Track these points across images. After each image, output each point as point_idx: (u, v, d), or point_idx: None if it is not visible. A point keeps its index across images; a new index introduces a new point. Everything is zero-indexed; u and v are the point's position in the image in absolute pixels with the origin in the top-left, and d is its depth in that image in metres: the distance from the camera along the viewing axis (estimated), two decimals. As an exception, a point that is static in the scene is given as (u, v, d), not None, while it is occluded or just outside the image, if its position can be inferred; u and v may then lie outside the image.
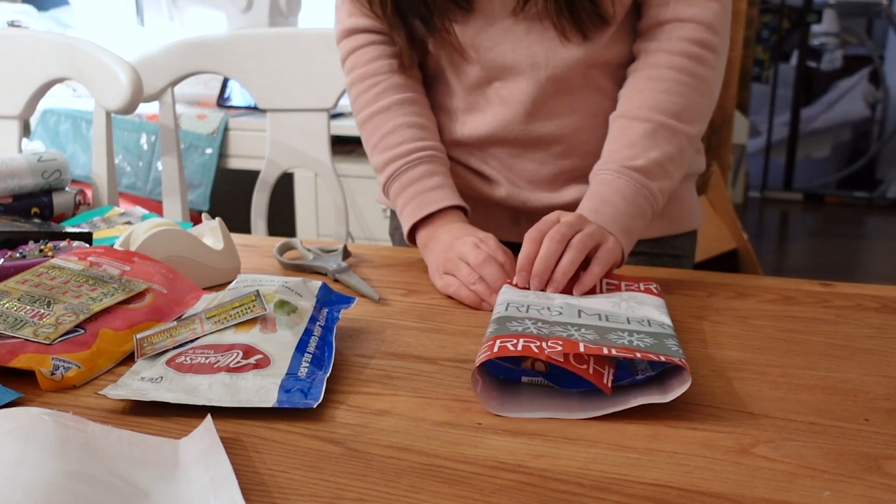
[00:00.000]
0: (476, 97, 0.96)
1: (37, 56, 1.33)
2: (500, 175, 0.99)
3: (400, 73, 0.98)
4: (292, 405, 0.58)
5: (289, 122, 1.41)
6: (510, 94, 0.94)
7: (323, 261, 0.95)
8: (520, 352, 0.59)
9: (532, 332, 0.63)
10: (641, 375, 0.61)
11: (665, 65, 0.88)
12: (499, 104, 0.95)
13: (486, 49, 0.93)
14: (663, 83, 0.88)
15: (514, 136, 0.96)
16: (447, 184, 0.94)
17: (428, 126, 0.98)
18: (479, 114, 0.97)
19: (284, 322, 0.67)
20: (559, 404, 0.60)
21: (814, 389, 0.63)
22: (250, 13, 2.27)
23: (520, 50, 0.91)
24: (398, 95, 0.97)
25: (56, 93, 1.94)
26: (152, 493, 0.46)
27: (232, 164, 2.07)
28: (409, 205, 0.94)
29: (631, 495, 0.49)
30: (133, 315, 0.72)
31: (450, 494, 0.49)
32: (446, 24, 0.92)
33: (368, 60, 0.99)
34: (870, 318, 0.79)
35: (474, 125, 0.97)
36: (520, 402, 0.60)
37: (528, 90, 0.93)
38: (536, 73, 0.92)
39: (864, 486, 0.50)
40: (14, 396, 0.60)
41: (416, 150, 0.95)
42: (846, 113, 5.15)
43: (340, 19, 1.01)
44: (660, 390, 0.59)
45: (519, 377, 0.62)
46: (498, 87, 0.94)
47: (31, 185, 1.12)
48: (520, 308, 0.70)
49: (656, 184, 0.87)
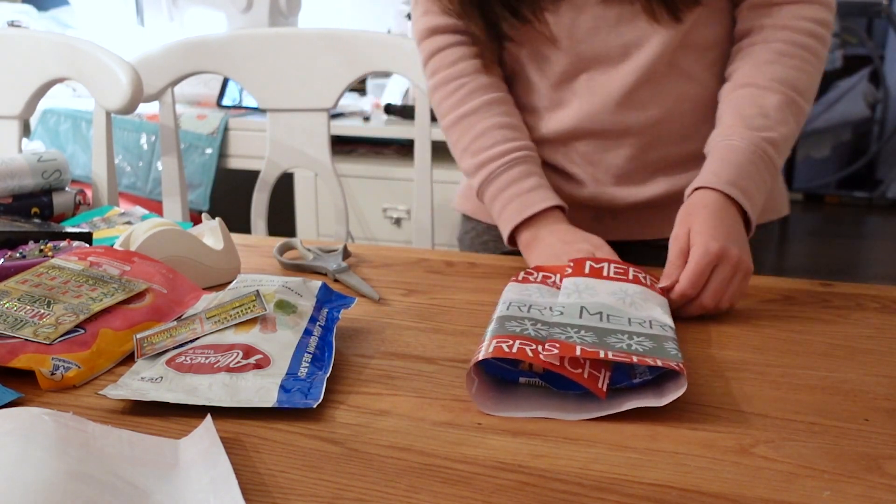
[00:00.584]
0: (562, 91, 0.95)
1: (37, 56, 1.33)
2: (584, 172, 0.97)
3: (484, 72, 0.96)
4: (292, 405, 0.58)
5: (289, 122, 1.41)
6: (598, 85, 0.92)
7: (323, 261, 0.95)
8: (514, 355, 0.59)
9: (530, 333, 0.63)
10: (639, 379, 0.61)
11: (792, 42, 0.86)
12: (586, 96, 0.93)
13: (577, 39, 0.91)
14: (792, 59, 0.85)
15: (600, 129, 0.94)
16: (544, 184, 0.93)
17: (518, 125, 0.96)
18: (564, 108, 0.95)
19: (284, 322, 0.67)
20: (555, 405, 0.60)
21: (814, 389, 0.63)
22: (250, 13, 2.27)
23: (612, 38, 0.90)
24: (486, 96, 0.95)
25: (56, 93, 1.94)
26: (152, 493, 0.46)
27: (232, 164, 2.07)
28: (508, 207, 0.92)
29: (631, 495, 0.49)
30: (133, 315, 0.72)
31: (450, 494, 0.49)
32: (537, 13, 0.90)
33: (451, 62, 0.97)
34: (870, 318, 0.79)
35: (559, 120, 0.96)
36: (516, 402, 0.60)
37: (618, 79, 0.91)
38: (627, 61, 0.90)
39: (864, 486, 0.50)
40: (14, 396, 0.60)
41: (510, 151, 0.93)
42: (846, 113, 5.15)
43: (416, 18, 1.00)
44: (656, 393, 0.59)
45: (516, 377, 0.62)
46: (586, 78, 0.93)
47: (31, 185, 1.11)
48: (521, 307, 0.70)
49: (780, 160, 0.84)
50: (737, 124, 0.84)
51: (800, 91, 0.85)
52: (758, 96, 0.85)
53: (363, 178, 2.00)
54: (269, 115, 1.42)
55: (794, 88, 0.85)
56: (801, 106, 0.86)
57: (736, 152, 0.83)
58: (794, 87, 0.85)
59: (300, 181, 2.07)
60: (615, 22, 0.89)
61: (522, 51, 0.95)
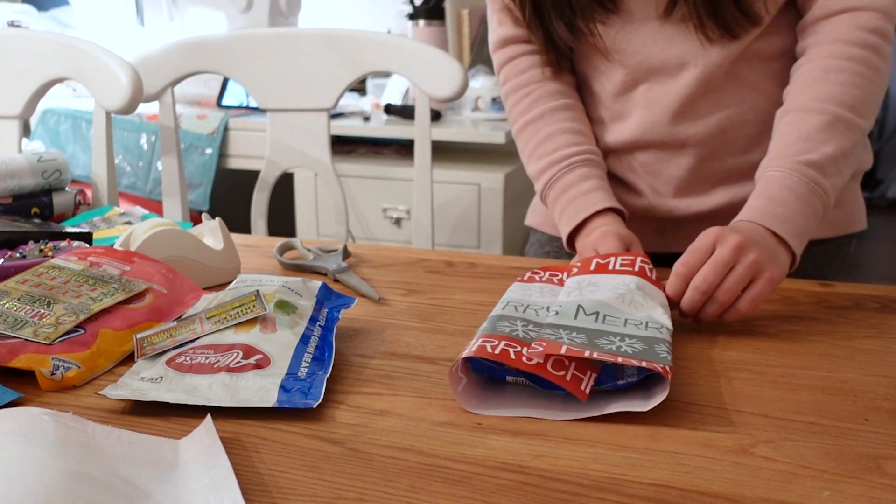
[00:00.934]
0: (621, 103, 0.95)
1: (37, 56, 1.33)
2: (644, 183, 0.98)
3: (553, 80, 0.97)
4: (292, 405, 0.58)
5: (289, 122, 1.41)
6: (656, 96, 0.92)
7: (323, 261, 0.95)
8: (497, 356, 0.59)
9: (519, 334, 0.63)
10: (625, 380, 0.60)
11: (842, 55, 0.83)
12: (644, 107, 0.93)
13: (633, 51, 0.91)
14: (841, 74, 0.82)
15: (659, 140, 0.94)
16: (602, 186, 0.92)
17: (583, 130, 0.96)
18: (624, 119, 0.95)
19: (284, 322, 0.67)
20: (541, 404, 0.60)
21: (814, 389, 0.63)
22: (250, 13, 2.27)
23: (668, 50, 0.90)
24: (552, 103, 0.96)
25: (56, 93, 1.94)
26: (152, 493, 0.46)
27: (232, 164, 2.07)
28: (566, 211, 0.92)
29: (631, 495, 0.49)
30: (133, 315, 0.72)
31: (450, 494, 0.49)
32: (590, 25, 0.91)
33: (521, 70, 0.98)
34: (870, 318, 0.79)
35: (619, 131, 0.96)
36: (502, 400, 0.60)
37: (676, 90, 0.91)
38: (684, 72, 0.90)
39: (864, 486, 0.50)
40: (14, 396, 0.60)
41: (571, 155, 0.93)
42: (846, 113, 5.14)
43: (493, 29, 1.02)
44: (644, 396, 0.59)
45: (503, 376, 0.62)
46: (644, 90, 0.93)
47: (31, 185, 1.11)
48: (518, 307, 0.70)
49: (829, 181, 0.81)
50: (776, 154, 0.83)
51: (849, 105, 0.82)
52: (799, 120, 0.83)
53: (363, 178, 2.00)
54: (269, 115, 1.42)
55: (842, 104, 0.82)
56: (850, 120, 0.82)
57: (773, 182, 0.81)
58: (842, 102, 0.82)
59: (300, 181, 2.07)
60: (671, 35, 0.89)
61: (584, 63, 0.96)
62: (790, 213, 0.79)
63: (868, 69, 0.83)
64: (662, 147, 0.95)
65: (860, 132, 0.83)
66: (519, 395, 0.61)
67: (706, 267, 0.73)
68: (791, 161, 0.81)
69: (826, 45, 0.84)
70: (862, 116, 0.83)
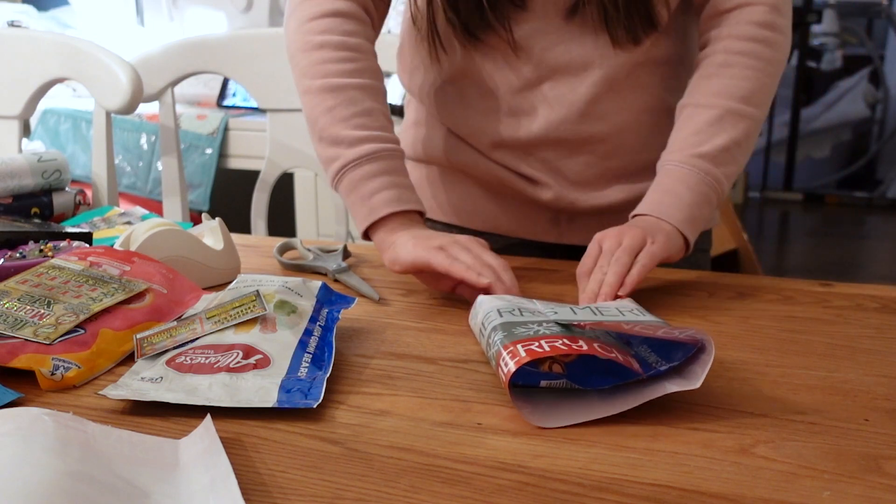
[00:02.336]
0: (522, 98, 0.95)
1: (37, 56, 1.33)
2: (547, 177, 0.98)
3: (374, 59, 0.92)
4: (292, 405, 0.58)
5: (289, 122, 1.40)
6: (562, 95, 0.93)
7: (323, 261, 0.95)
8: (548, 352, 0.57)
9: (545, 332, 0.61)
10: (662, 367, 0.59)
11: (734, 50, 0.88)
12: (550, 105, 0.94)
13: (541, 49, 0.92)
14: (732, 69, 0.88)
15: (564, 137, 0.95)
16: (403, 183, 0.88)
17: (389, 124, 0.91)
18: (527, 116, 0.96)
19: (284, 322, 0.67)
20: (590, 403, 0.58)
21: (814, 389, 0.63)
22: (250, 13, 2.27)
23: (574, 50, 0.91)
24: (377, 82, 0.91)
25: (56, 93, 1.94)
26: (152, 494, 0.46)
27: (232, 164, 2.07)
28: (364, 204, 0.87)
29: (631, 495, 0.49)
30: (133, 315, 0.72)
31: (450, 494, 0.49)
32: (501, 21, 0.91)
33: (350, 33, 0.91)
34: (870, 318, 0.79)
35: (523, 128, 0.96)
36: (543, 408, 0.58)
37: (582, 91, 0.93)
38: (590, 73, 0.92)
39: (864, 486, 0.50)
40: (14, 396, 0.60)
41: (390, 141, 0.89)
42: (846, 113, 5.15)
43: None
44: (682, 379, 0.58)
45: (538, 381, 0.60)
46: (548, 88, 0.94)
47: (31, 185, 1.12)
48: (513, 312, 0.67)
49: (721, 169, 0.87)
50: (673, 148, 0.89)
51: (739, 97, 0.87)
52: (694, 115, 0.89)
53: (363, 178, 1.99)
54: (269, 115, 1.42)
55: (731, 97, 0.87)
56: (740, 111, 0.87)
57: (667, 175, 0.87)
58: (732, 95, 0.87)
59: (300, 181, 2.06)
60: (578, 36, 0.91)
61: (486, 55, 0.95)
62: (682, 203, 0.85)
63: (758, 61, 0.88)
64: (566, 145, 0.96)
65: (752, 121, 0.89)
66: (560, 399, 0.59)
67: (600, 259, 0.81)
68: (684, 154, 0.87)
69: (720, 42, 0.90)
70: (754, 106, 0.88)
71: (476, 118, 0.98)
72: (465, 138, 1.00)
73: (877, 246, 4.18)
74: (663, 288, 0.88)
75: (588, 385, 0.60)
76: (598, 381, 0.60)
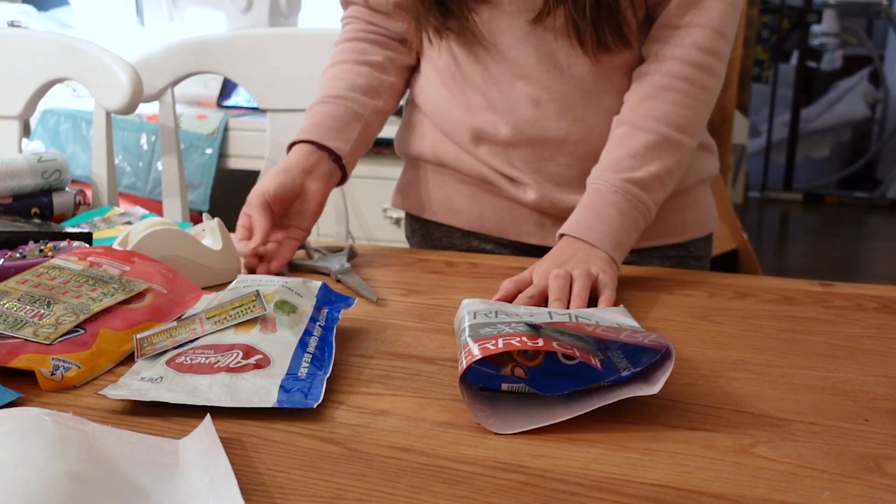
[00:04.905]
0: (500, 94, 0.96)
1: (37, 56, 1.33)
2: (529, 178, 0.99)
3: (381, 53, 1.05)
4: (292, 405, 0.58)
5: (289, 122, 1.40)
6: (536, 94, 0.94)
7: (327, 261, 0.95)
8: (502, 349, 0.57)
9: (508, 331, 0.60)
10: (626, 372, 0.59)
11: (676, 74, 0.89)
12: (525, 103, 0.95)
13: (509, 47, 0.93)
14: (674, 94, 0.89)
15: (540, 137, 0.96)
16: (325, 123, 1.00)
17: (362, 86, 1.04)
18: (503, 112, 0.96)
19: (284, 322, 0.67)
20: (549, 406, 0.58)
21: (814, 389, 0.63)
22: (250, 13, 2.27)
23: (545, 51, 0.92)
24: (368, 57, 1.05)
25: (56, 93, 1.94)
26: (152, 494, 0.46)
27: (232, 164, 2.07)
28: None
29: (631, 495, 0.49)
30: (133, 315, 0.72)
31: (450, 494, 0.49)
32: (465, 12, 0.92)
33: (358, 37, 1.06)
34: (870, 318, 0.79)
35: (501, 124, 0.97)
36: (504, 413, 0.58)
37: (555, 91, 0.93)
38: (562, 75, 0.93)
39: (864, 486, 0.50)
40: (14, 396, 0.60)
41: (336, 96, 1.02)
42: (846, 113, 5.15)
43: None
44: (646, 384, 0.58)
45: (499, 384, 0.60)
46: (522, 86, 0.94)
47: (31, 185, 1.12)
48: (488, 314, 0.67)
49: (651, 196, 0.88)
50: (606, 166, 0.90)
51: (677, 126, 0.89)
52: (631, 135, 0.89)
53: (363, 178, 2.00)
54: (269, 115, 1.42)
55: (670, 124, 0.88)
56: (677, 141, 0.89)
57: (599, 196, 0.88)
58: (671, 122, 0.88)
59: (300, 181, 2.06)
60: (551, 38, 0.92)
61: (466, 49, 0.97)
62: (613, 229, 0.86)
63: (699, 90, 0.90)
64: (544, 144, 0.96)
65: (685, 151, 0.91)
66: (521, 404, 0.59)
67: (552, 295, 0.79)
68: (618, 177, 0.88)
69: (663, 63, 0.90)
70: (689, 135, 0.90)
71: (457, 111, 1.00)
72: (449, 135, 1.01)
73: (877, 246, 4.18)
74: (663, 288, 0.88)
75: (548, 390, 0.60)
76: (559, 387, 0.59)
